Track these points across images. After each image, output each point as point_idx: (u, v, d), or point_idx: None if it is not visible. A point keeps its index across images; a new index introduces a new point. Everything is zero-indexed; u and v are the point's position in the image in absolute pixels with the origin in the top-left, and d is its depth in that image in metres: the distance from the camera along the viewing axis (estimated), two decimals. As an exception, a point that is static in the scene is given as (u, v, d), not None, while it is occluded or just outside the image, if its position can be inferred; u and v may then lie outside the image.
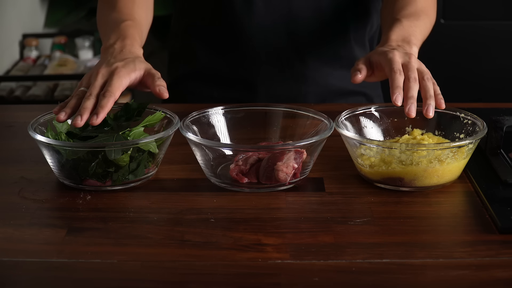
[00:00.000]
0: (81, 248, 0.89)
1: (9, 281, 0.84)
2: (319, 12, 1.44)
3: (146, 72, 1.13)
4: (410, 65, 1.10)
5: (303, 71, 1.47)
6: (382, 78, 1.18)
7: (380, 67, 1.14)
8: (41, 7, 2.90)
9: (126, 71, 1.11)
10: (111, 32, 1.22)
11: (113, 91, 1.07)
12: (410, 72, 1.09)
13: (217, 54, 1.48)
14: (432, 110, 1.06)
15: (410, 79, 1.08)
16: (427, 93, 1.07)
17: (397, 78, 1.08)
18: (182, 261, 0.86)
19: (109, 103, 1.05)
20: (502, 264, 0.85)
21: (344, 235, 0.91)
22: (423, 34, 1.29)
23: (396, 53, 1.13)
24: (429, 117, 1.06)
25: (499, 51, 2.45)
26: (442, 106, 1.08)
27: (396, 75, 1.08)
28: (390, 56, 1.12)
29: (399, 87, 1.07)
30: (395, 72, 1.09)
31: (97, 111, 1.04)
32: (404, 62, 1.11)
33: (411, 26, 1.27)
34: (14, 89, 2.42)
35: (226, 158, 1.07)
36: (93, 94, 1.08)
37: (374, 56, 1.17)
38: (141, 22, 1.30)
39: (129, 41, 1.19)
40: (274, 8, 1.42)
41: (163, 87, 1.11)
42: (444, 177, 1.02)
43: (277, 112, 1.16)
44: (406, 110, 1.05)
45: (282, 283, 0.82)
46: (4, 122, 1.33)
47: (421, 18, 1.31)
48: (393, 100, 1.06)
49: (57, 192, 1.04)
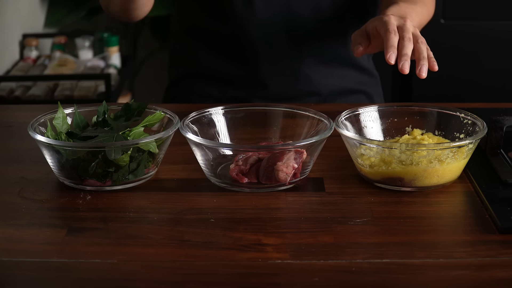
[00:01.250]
0: (81, 248, 0.89)
1: (9, 281, 0.84)
2: (319, 12, 1.44)
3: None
4: (405, 27, 1.13)
5: (303, 70, 1.47)
6: (379, 47, 1.19)
7: (376, 33, 1.16)
8: (41, 7, 2.89)
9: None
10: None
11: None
12: (404, 33, 1.11)
13: (217, 54, 1.48)
14: (425, 70, 1.08)
15: (405, 38, 1.10)
16: (421, 55, 1.09)
17: (391, 38, 1.10)
18: (182, 261, 0.86)
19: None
20: (502, 264, 0.85)
21: (344, 235, 0.91)
22: (419, 18, 1.31)
23: (392, 16, 1.15)
24: (421, 77, 1.07)
25: (499, 51, 2.45)
26: (435, 67, 1.10)
27: (391, 35, 1.11)
28: (385, 19, 1.14)
29: (393, 46, 1.09)
30: (389, 32, 1.11)
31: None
32: (399, 24, 1.14)
33: (408, 8, 1.29)
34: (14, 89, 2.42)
35: (226, 158, 1.07)
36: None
37: (370, 24, 1.18)
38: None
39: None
40: (274, 8, 1.42)
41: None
42: (444, 177, 1.02)
43: (277, 112, 1.16)
44: (399, 66, 1.08)
45: (282, 283, 0.82)
46: (4, 122, 1.33)
47: (418, 4, 1.35)
48: (386, 58, 1.08)
49: (57, 192, 1.04)
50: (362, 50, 1.17)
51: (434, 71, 1.10)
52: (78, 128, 1.09)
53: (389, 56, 1.08)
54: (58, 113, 1.09)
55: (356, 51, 1.17)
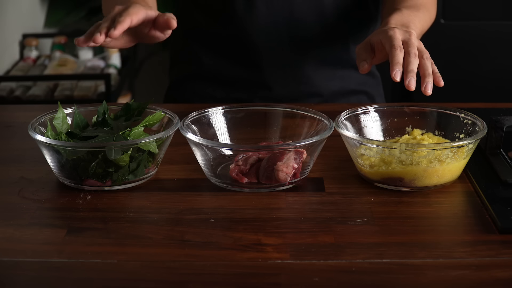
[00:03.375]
0: (81, 248, 0.89)
1: (9, 281, 0.84)
2: (321, 15, 1.44)
3: (160, 14, 1.16)
4: (410, 42, 1.11)
5: (305, 72, 1.47)
6: (384, 59, 1.18)
7: (381, 46, 1.15)
8: (41, 7, 2.90)
9: (142, 6, 1.14)
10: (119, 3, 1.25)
11: (130, 13, 1.10)
12: (410, 48, 1.10)
13: (219, 55, 1.48)
14: (431, 87, 1.07)
15: (410, 54, 1.09)
16: (426, 71, 1.08)
17: (397, 54, 1.09)
18: (182, 261, 0.86)
19: (126, 20, 1.08)
20: (502, 264, 0.85)
21: (344, 235, 0.91)
22: (422, 24, 1.30)
23: (397, 30, 1.14)
24: (427, 94, 1.07)
25: (499, 51, 2.45)
26: (441, 83, 1.09)
27: (397, 51, 1.09)
28: (390, 33, 1.13)
29: (399, 63, 1.08)
30: (395, 48, 1.10)
31: (115, 26, 1.07)
32: (404, 39, 1.12)
33: (411, 15, 1.28)
34: (14, 89, 2.42)
35: (226, 158, 1.07)
36: (109, 18, 1.10)
37: (374, 37, 1.17)
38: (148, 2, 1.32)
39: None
40: (275, 11, 1.42)
41: (171, 18, 1.13)
42: (444, 177, 1.02)
43: (277, 112, 1.16)
44: (406, 83, 1.06)
45: (282, 283, 0.82)
46: (4, 122, 1.33)
47: (421, 10, 1.33)
48: (392, 75, 1.07)
49: (57, 192, 1.04)
50: (368, 68, 1.16)
51: (440, 86, 1.09)
52: (78, 128, 1.09)
53: (394, 73, 1.07)
54: (58, 113, 1.09)
55: (362, 68, 1.16)
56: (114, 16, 1.12)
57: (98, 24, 1.13)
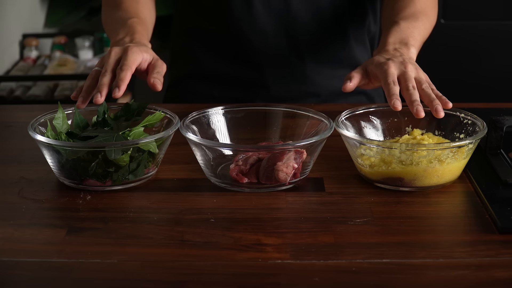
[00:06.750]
0: (81, 248, 0.89)
1: (9, 281, 0.84)
2: (318, 14, 1.44)
3: (155, 59, 1.16)
4: (406, 75, 1.10)
5: (304, 72, 1.48)
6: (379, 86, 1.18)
7: (377, 77, 1.14)
8: (41, 7, 2.90)
9: (139, 49, 1.14)
10: (119, 28, 1.25)
11: (129, 64, 1.09)
12: (408, 82, 1.09)
13: (218, 55, 1.48)
14: (441, 109, 1.05)
15: (409, 88, 1.08)
16: (430, 98, 1.07)
17: (391, 88, 1.08)
18: (182, 261, 0.86)
19: (127, 75, 1.07)
20: (502, 264, 0.85)
21: (344, 235, 0.91)
22: (421, 35, 1.29)
23: (391, 64, 1.12)
24: (440, 117, 1.05)
25: (499, 51, 2.45)
26: (449, 105, 1.07)
27: (391, 86, 1.08)
28: (385, 68, 1.12)
29: (395, 94, 1.07)
30: (389, 84, 1.09)
31: (117, 84, 1.06)
32: (400, 72, 1.11)
33: (409, 27, 1.26)
34: (14, 89, 2.42)
35: (226, 158, 1.07)
36: (108, 70, 1.10)
37: (370, 67, 1.16)
38: (146, 20, 1.33)
39: (138, 35, 1.23)
40: (273, 10, 1.42)
41: (158, 80, 1.12)
42: (444, 177, 1.02)
43: (277, 112, 1.16)
44: (414, 112, 1.04)
45: (282, 283, 0.82)
46: (4, 122, 1.33)
47: (419, 19, 1.30)
48: (391, 106, 1.06)
49: (57, 192, 1.04)
50: (351, 86, 1.15)
51: (449, 108, 1.08)
52: (78, 128, 1.09)
53: (393, 103, 1.06)
54: (58, 113, 1.09)
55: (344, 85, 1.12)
56: (113, 67, 1.11)
57: (94, 75, 1.12)
